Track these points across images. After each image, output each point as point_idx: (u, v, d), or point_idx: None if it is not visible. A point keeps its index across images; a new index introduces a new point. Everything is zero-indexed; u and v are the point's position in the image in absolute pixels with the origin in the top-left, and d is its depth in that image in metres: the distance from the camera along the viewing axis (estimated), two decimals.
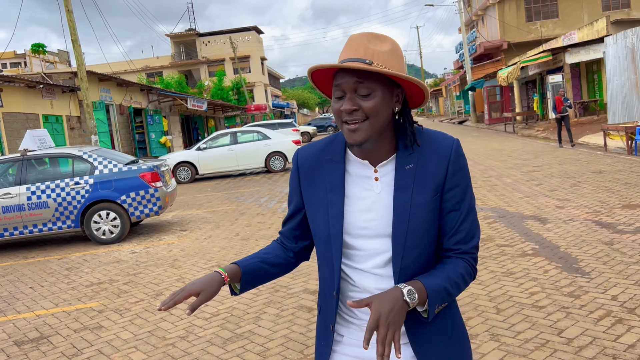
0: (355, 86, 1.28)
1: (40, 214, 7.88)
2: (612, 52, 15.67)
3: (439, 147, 1.37)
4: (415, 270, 1.36)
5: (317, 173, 1.45)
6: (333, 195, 1.40)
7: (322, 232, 1.42)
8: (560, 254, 5.18)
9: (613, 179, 8.94)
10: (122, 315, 4.79)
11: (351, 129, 1.29)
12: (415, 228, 1.34)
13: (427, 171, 1.35)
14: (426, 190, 1.35)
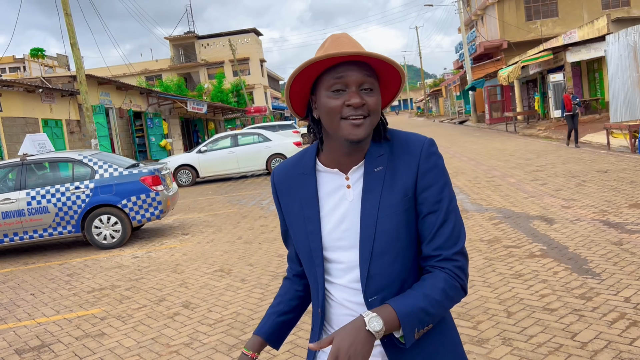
0: (363, 80, 1.23)
1: (41, 219, 7.80)
2: (613, 50, 15.59)
3: (409, 148, 1.30)
4: (389, 280, 1.28)
5: (291, 189, 1.40)
6: (308, 210, 1.35)
7: (303, 249, 1.37)
8: (569, 255, 5.10)
9: (618, 177, 8.86)
10: (124, 322, 4.71)
11: (356, 124, 1.22)
12: (383, 232, 1.26)
13: (396, 172, 1.29)
14: (394, 192, 1.27)
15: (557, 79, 21.22)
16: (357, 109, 1.22)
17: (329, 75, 1.24)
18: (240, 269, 6.02)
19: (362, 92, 1.24)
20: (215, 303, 4.92)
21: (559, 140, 16.62)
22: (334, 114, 1.23)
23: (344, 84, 1.23)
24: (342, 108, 1.23)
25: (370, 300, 1.27)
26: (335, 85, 1.23)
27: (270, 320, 1.50)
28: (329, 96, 1.24)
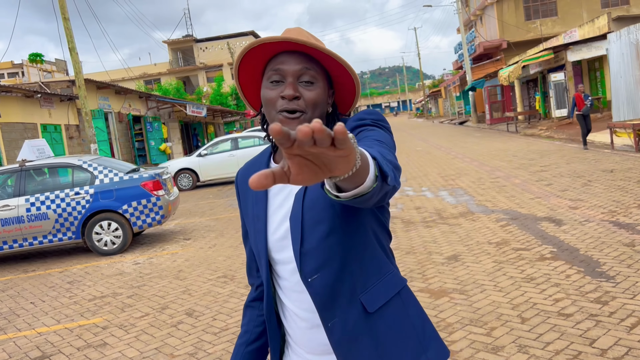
0: (301, 72, 1.16)
1: (40, 225, 7.68)
2: (615, 49, 15.50)
3: (352, 119, 1.21)
4: (327, 254, 1.16)
5: (247, 188, 1.34)
6: (257, 208, 1.29)
7: (254, 250, 1.32)
8: (580, 257, 4.99)
9: (625, 177, 8.75)
10: (127, 331, 4.59)
11: (288, 118, 1.14)
12: (313, 201, 1.16)
13: None
14: None
15: (558, 79, 21.13)
16: (291, 103, 1.15)
17: (269, 66, 1.19)
18: (244, 274, 5.90)
19: (301, 84, 1.16)
20: (219, 310, 4.80)
21: (561, 140, 16.53)
22: (270, 106, 1.17)
23: (282, 75, 1.16)
24: (278, 100, 1.16)
25: (310, 280, 1.17)
26: (273, 76, 1.17)
27: (240, 352, 1.43)
28: (266, 87, 1.18)
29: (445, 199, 8.92)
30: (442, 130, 31.99)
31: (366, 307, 1.19)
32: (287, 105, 1.15)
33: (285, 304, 1.29)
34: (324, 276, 1.17)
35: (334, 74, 1.23)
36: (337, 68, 1.21)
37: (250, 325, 1.45)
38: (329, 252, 1.17)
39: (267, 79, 1.19)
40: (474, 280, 4.72)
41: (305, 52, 1.18)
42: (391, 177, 0.92)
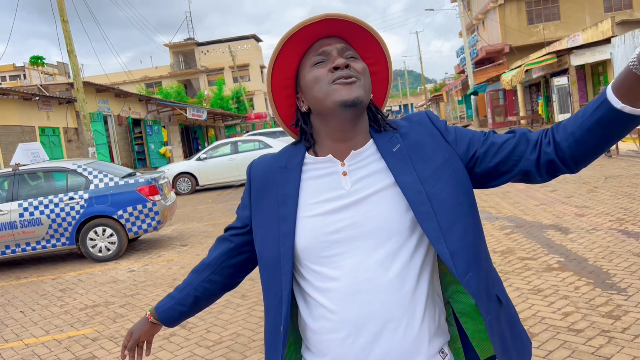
0: (343, 48, 1.16)
1: (34, 231, 7.51)
2: (620, 53, 15.34)
3: (412, 121, 1.23)
4: (472, 252, 1.13)
5: (269, 184, 1.24)
6: (284, 209, 1.18)
7: (270, 254, 1.19)
8: (589, 268, 4.80)
9: (631, 183, 8.57)
10: (117, 343, 4.40)
11: (348, 82, 1.11)
12: (441, 202, 1.12)
13: (419, 143, 1.18)
14: (432, 160, 1.16)
15: (562, 83, 20.96)
16: (345, 70, 1.12)
17: (308, 55, 1.17)
18: (240, 283, 5.72)
19: (345, 59, 1.15)
20: (213, 322, 4.62)
21: None
22: (322, 83, 1.13)
23: (325, 54, 1.16)
24: (328, 74, 1.13)
25: (465, 279, 1.12)
26: (316, 58, 1.16)
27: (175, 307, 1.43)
28: (311, 70, 1.16)
29: None
30: None
31: (500, 299, 1.21)
32: (341, 73, 1.12)
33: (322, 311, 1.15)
34: (475, 273, 1.14)
35: (368, 61, 1.23)
36: (370, 53, 1.22)
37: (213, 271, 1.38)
38: (473, 248, 1.14)
39: (309, 65, 1.17)
40: None
41: (342, 37, 1.19)
42: None
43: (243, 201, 1.31)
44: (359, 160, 1.17)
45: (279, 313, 1.18)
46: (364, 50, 1.22)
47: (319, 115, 1.19)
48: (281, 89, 1.23)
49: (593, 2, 33.39)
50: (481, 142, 1.19)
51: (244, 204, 1.30)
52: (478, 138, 1.20)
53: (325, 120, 1.17)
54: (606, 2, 33.51)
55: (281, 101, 1.25)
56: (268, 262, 1.20)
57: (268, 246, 1.20)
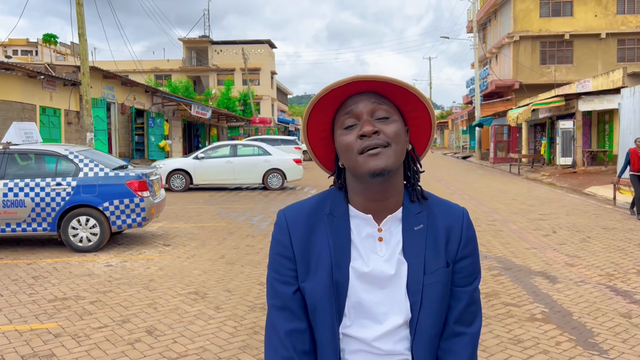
0: (374, 108, 1.13)
1: (16, 212, 7.35)
2: (628, 105, 15.32)
3: (449, 210, 1.22)
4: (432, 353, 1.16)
5: (315, 232, 1.18)
6: (338, 255, 1.15)
7: (322, 300, 1.16)
8: (573, 323, 4.67)
9: (625, 238, 8.46)
10: (79, 342, 4.25)
11: (373, 153, 1.09)
12: (430, 303, 1.14)
13: (439, 235, 1.17)
14: (439, 257, 1.16)
15: (567, 126, 20.93)
16: (372, 139, 1.10)
17: (340, 113, 1.16)
18: (216, 294, 5.57)
19: (377, 121, 1.12)
20: (182, 332, 4.47)
21: (563, 188, 16.26)
22: (350, 151, 1.12)
23: (355, 117, 1.13)
24: (356, 141, 1.11)
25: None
26: (346, 120, 1.14)
27: None
28: (341, 134, 1.14)
29: None
30: (444, 162, 31.77)
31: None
32: (367, 142, 1.10)
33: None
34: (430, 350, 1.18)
35: (406, 109, 1.20)
36: (408, 102, 1.18)
37: None
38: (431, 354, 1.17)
39: (340, 126, 1.15)
40: None
41: (374, 90, 1.15)
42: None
43: (280, 262, 1.20)
44: (391, 227, 1.19)
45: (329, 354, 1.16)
46: (403, 100, 1.18)
47: (352, 175, 1.19)
48: (318, 141, 1.23)
49: (607, 51, 33.58)
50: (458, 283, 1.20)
51: (285, 258, 1.19)
52: (464, 275, 1.21)
53: (358, 181, 1.17)
54: (620, 52, 33.71)
55: (320, 150, 1.25)
56: (324, 313, 1.17)
57: (319, 292, 1.16)
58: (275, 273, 1.19)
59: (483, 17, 40.34)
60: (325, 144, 1.24)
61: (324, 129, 1.21)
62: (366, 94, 1.14)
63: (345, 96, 1.15)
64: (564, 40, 33.83)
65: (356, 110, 1.13)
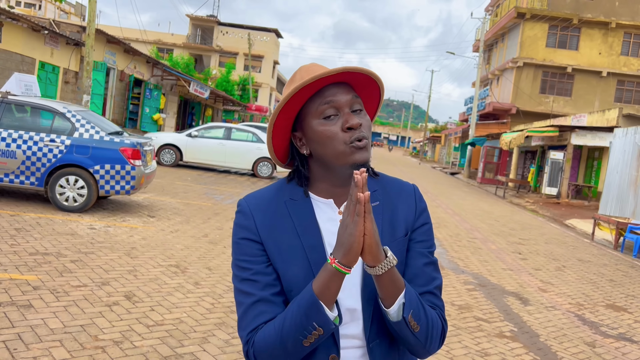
0: (353, 101, 1.18)
1: (5, 162, 7.32)
2: (618, 144, 15.60)
3: (402, 186, 1.30)
4: (385, 327, 1.19)
5: (277, 218, 1.21)
6: (309, 238, 1.19)
7: (303, 280, 1.15)
8: (539, 345, 4.81)
9: (598, 272, 8.66)
10: (58, 298, 4.28)
11: (362, 146, 1.15)
12: None
13: (396, 209, 1.25)
14: (396, 229, 1.23)
15: (557, 157, 21.24)
16: (359, 131, 1.15)
17: (315, 103, 1.17)
18: (197, 270, 5.63)
19: (354, 113, 1.17)
20: (160, 302, 4.52)
21: (545, 217, 16.52)
22: (335, 141, 1.15)
23: (336, 108, 1.16)
24: (342, 134, 1.15)
25: (370, 346, 1.18)
26: (326, 110, 1.16)
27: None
28: (322, 124, 1.16)
29: None
30: (432, 176, 32.02)
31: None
32: (357, 135, 1.15)
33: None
34: (382, 343, 1.20)
35: (364, 99, 1.27)
36: (368, 93, 1.26)
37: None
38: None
39: (318, 116, 1.17)
40: None
41: (347, 81, 1.20)
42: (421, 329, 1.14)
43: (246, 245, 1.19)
44: None
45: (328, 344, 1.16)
46: (364, 89, 1.25)
47: (322, 164, 1.21)
48: (280, 129, 1.23)
49: (606, 89, 34.08)
50: (415, 248, 1.25)
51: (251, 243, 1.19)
52: (419, 240, 1.26)
53: (329, 170, 1.21)
54: (618, 92, 34.24)
55: (278, 139, 1.24)
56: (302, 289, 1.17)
57: (298, 274, 1.16)
58: (242, 255, 1.19)
59: (491, 38, 40.67)
60: (284, 132, 1.23)
61: (288, 117, 1.20)
62: (342, 85, 1.17)
63: (321, 85, 1.17)
64: (565, 72, 34.26)
65: (337, 100, 1.15)
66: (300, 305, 1.08)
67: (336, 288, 1.07)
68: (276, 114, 1.17)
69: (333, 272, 1.06)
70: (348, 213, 1.04)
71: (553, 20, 33.62)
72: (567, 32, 34.11)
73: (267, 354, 1.11)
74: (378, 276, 1.09)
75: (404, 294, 1.12)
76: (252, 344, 1.13)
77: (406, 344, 1.17)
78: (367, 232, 1.03)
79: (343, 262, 1.05)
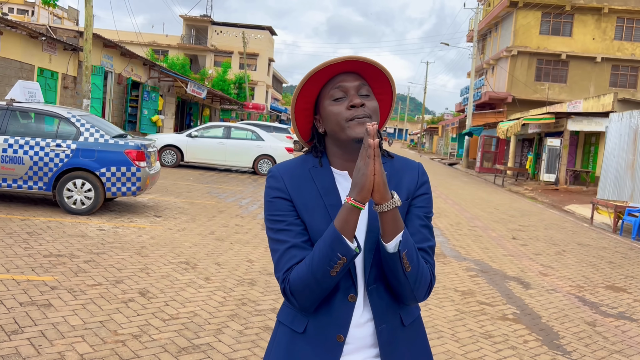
0: (359, 86, 1.37)
1: (13, 169, 7.47)
2: (614, 129, 15.76)
3: (408, 163, 1.50)
4: (381, 272, 1.38)
5: (303, 182, 1.42)
6: (330, 198, 1.40)
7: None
8: (541, 325, 4.98)
9: (597, 255, 8.83)
10: (75, 296, 4.44)
11: (361, 122, 1.33)
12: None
13: (400, 179, 1.45)
14: (399, 193, 1.42)
15: (554, 144, 21.40)
16: (359, 110, 1.34)
17: (328, 87, 1.38)
18: (206, 265, 5.79)
19: (360, 97, 1.36)
20: (173, 297, 4.68)
21: (544, 203, 16.69)
22: (339, 119, 1.35)
23: (343, 91, 1.36)
24: (346, 111, 1.34)
25: (369, 288, 1.38)
26: (336, 93, 1.36)
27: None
28: (331, 104, 1.37)
29: None
30: (431, 167, 32.18)
31: (403, 320, 1.43)
32: (356, 112, 1.34)
33: None
34: (378, 287, 1.40)
35: (376, 90, 1.46)
36: (379, 84, 1.44)
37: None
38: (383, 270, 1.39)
39: (329, 98, 1.38)
40: (433, 325, 4.67)
41: (356, 71, 1.39)
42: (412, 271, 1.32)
43: (279, 204, 1.39)
44: None
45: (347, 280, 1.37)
46: (375, 82, 1.44)
47: (335, 140, 1.42)
48: (301, 110, 1.45)
49: (601, 75, 34.22)
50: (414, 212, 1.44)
51: (283, 201, 1.39)
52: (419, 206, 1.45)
53: (340, 145, 1.41)
54: (613, 77, 34.38)
55: (301, 119, 1.46)
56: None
57: (322, 227, 1.36)
58: (276, 211, 1.39)
59: (484, 27, 40.75)
60: (306, 115, 1.45)
61: (309, 101, 1.42)
62: (351, 73, 1.38)
63: (334, 74, 1.38)
64: (560, 59, 34.39)
65: (345, 85, 1.36)
66: (325, 240, 1.27)
67: (354, 223, 1.26)
68: (295, 98, 1.39)
69: (350, 209, 1.24)
70: (361, 158, 1.22)
71: (546, 7, 33.72)
72: (560, 19, 34.22)
73: (301, 287, 1.30)
74: (382, 213, 1.27)
75: (402, 233, 1.29)
76: (287, 281, 1.33)
77: (397, 284, 1.35)
78: (377, 172, 1.21)
79: (357, 199, 1.24)
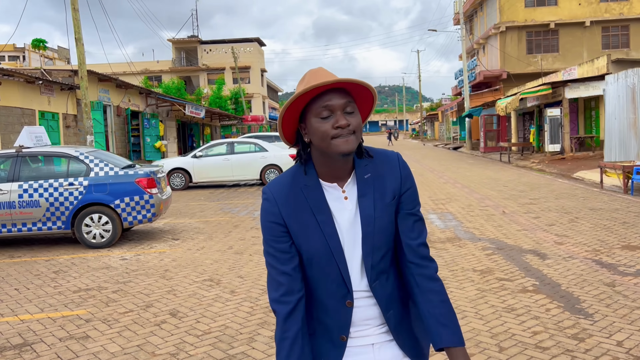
0: (345, 104, 1.46)
1: (31, 212, 7.69)
2: (612, 90, 15.79)
3: (386, 155, 1.59)
4: (383, 268, 1.55)
5: (296, 201, 1.53)
6: (321, 216, 1.51)
7: (320, 249, 1.50)
8: (561, 293, 5.10)
9: (611, 217, 8.91)
10: (110, 325, 4.62)
11: (345, 140, 1.44)
12: (381, 229, 1.53)
13: (384, 178, 1.55)
14: (385, 194, 1.54)
15: (554, 114, 21.43)
16: (344, 129, 1.45)
17: (316, 104, 1.46)
18: (230, 280, 5.96)
19: (345, 114, 1.46)
20: (203, 313, 4.85)
21: (552, 174, 16.75)
22: (325, 136, 1.45)
23: (330, 110, 1.45)
24: (332, 130, 1.44)
25: (373, 285, 1.53)
26: (323, 112, 1.45)
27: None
28: (318, 122, 1.46)
29: (434, 223, 9.03)
30: (436, 154, 32.25)
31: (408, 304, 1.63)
32: (342, 132, 1.45)
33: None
34: (380, 282, 1.56)
35: (358, 97, 1.55)
36: (360, 93, 1.53)
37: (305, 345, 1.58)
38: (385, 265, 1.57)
39: (317, 115, 1.47)
40: (456, 306, 4.80)
41: (342, 87, 1.48)
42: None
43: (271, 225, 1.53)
44: (351, 186, 1.57)
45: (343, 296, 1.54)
46: (358, 95, 1.54)
47: (320, 151, 1.52)
48: (287, 118, 1.54)
49: (592, 38, 34.14)
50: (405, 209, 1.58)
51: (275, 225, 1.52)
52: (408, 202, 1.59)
53: (325, 156, 1.52)
54: (604, 39, 34.30)
55: (287, 126, 1.56)
56: (320, 256, 1.51)
57: (315, 245, 1.50)
58: (269, 235, 1.53)
59: (469, 8, 40.78)
60: (292, 122, 1.53)
61: (295, 110, 1.50)
62: (337, 91, 1.46)
63: (320, 91, 1.46)
64: (549, 29, 34.37)
65: (332, 104, 1.45)
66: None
67: None
68: (284, 110, 1.48)
69: None
70: None
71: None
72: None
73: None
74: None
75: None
76: (272, 310, 1.57)
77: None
78: None
79: None
